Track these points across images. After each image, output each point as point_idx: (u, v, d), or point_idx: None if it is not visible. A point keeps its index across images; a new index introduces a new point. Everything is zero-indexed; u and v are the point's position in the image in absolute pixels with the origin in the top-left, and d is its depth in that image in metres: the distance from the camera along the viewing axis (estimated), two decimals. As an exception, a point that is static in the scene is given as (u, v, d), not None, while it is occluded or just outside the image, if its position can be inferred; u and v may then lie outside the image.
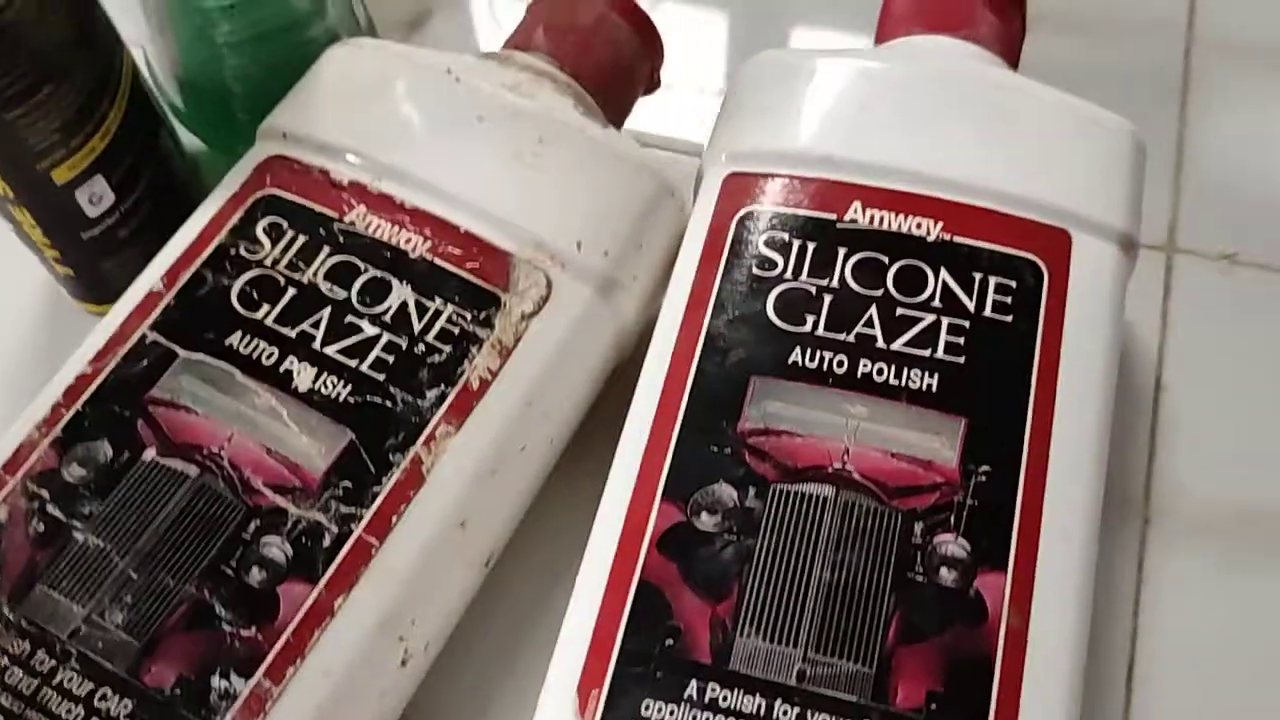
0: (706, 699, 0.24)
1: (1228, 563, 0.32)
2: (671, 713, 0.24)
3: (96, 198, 0.32)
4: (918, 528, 0.26)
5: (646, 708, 0.24)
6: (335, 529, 0.26)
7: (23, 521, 0.26)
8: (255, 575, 0.26)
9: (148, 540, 0.26)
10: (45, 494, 0.27)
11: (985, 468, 0.27)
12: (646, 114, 0.37)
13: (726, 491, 0.26)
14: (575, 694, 0.25)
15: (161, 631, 0.25)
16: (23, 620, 0.25)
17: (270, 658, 0.25)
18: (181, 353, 0.29)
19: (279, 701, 0.25)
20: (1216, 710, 0.30)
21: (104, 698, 0.24)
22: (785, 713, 0.24)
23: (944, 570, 0.25)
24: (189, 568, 0.26)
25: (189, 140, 0.38)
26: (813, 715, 0.24)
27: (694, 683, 0.24)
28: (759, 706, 0.24)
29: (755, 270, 0.29)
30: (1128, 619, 0.31)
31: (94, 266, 0.33)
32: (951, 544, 0.26)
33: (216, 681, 0.25)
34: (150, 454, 0.27)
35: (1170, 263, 0.37)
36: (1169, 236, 0.37)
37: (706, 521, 0.26)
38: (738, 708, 0.24)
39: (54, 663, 0.25)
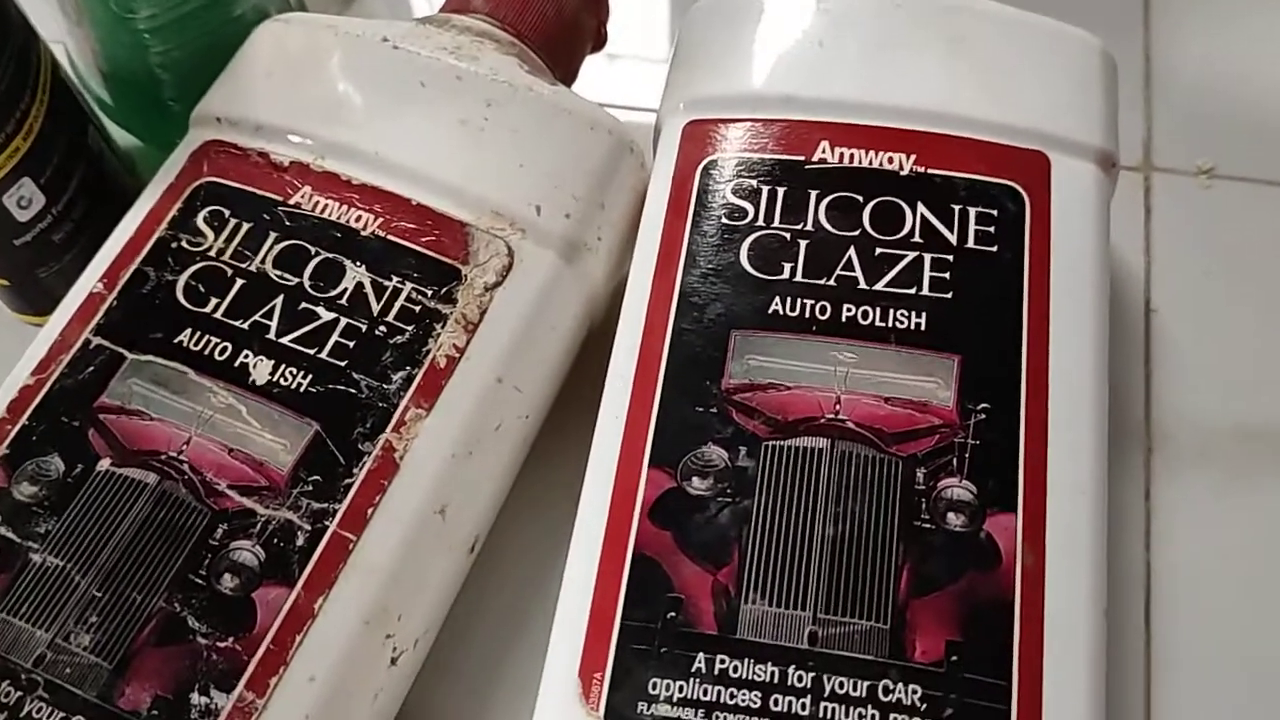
0: (716, 671, 0.23)
1: (1234, 484, 0.31)
2: (680, 689, 0.23)
3: (25, 201, 0.30)
4: (920, 473, 0.25)
5: (654, 686, 0.23)
6: (308, 527, 0.25)
7: (-28, 548, 0.25)
8: (228, 582, 0.24)
9: (110, 555, 0.25)
10: (-6, 517, 0.25)
11: (984, 405, 0.25)
12: (595, 81, 0.35)
13: (717, 452, 0.25)
14: (578, 678, 0.23)
15: (132, 651, 0.24)
16: (-18, 652, 0.24)
17: (251, 668, 0.24)
18: (129, 355, 0.27)
19: (265, 714, 0.23)
20: (1238, 633, 0.29)
21: (76, 727, 0.23)
22: (800, 679, 0.23)
23: (951, 515, 0.24)
24: (156, 580, 0.24)
25: (122, 137, 0.36)
26: (829, 679, 0.23)
27: (701, 655, 0.23)
28: (772, 674, 0.23)
29: (725, 220, 0.28)
30: (1140, 551, 0.30)
31: (29, 274, 0.32)
32: (957, 487, 0.25)
33: (196, 698, 0.23)
34: (105, 464, 0.26)
35: (1148, 183, 0.36)
36: (1145, 156, 0.36)
37: (698, 485, 0.25)
38: (749, 677, 0.23)
39: (20, 694, 0.23)
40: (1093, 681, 0.23)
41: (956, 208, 0.28)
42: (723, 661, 0.23)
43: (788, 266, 0.27)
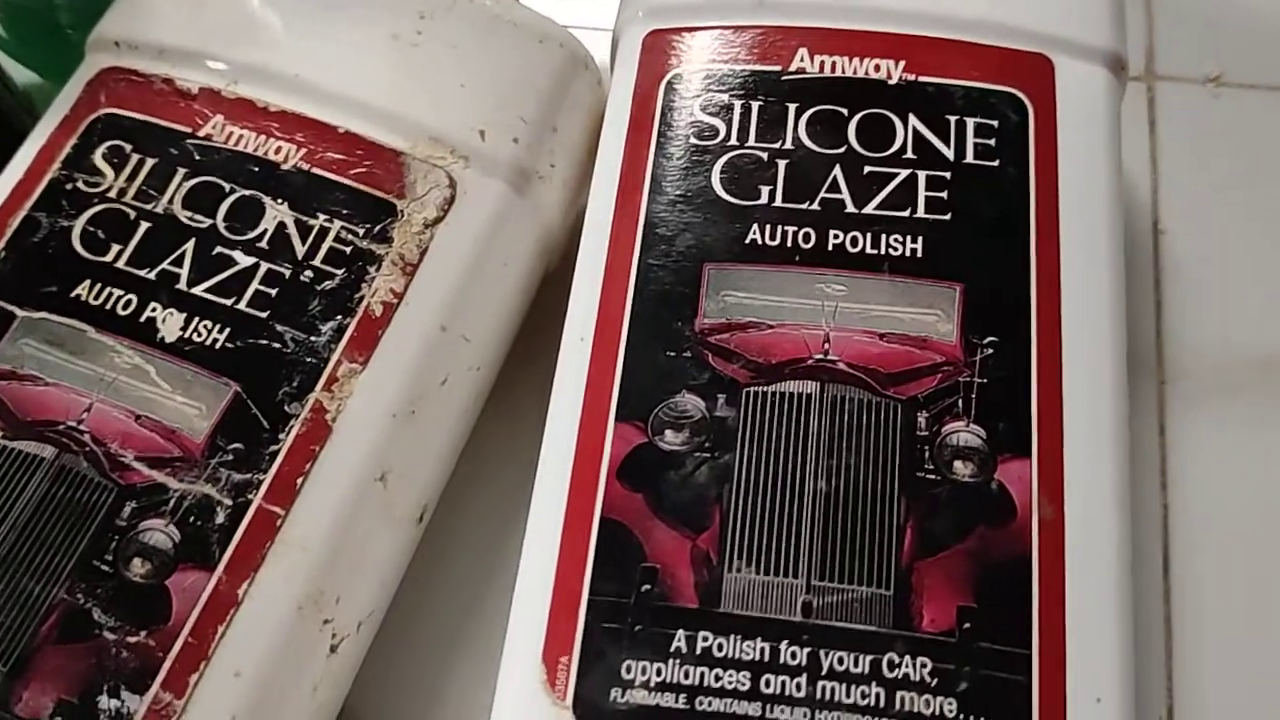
0: (698, 650, 0.20)
1: (1253, 417, 0.28)
2: (659, 672, 0.20)
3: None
4: (922, 418, 0.22)
5: (628, 670, 0.20)
6: (229, 502, 0.22)
7: None
8: (138, 568, 0.21)
9: (2, 540, 0.21)
10: None
11: (990, 339, 0.23)
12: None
13: (692, 402, 0.22)
14: (541, 663, 0.20)
15: (30, 649, 0.21)
16: None
17: (167, 665, 0.21)
18: (19, 313, 0.24)
19: (185, 716, 0.20)
20: (1262, 579, 0.26)
21: (-35, 741, 0.20)
22: (794, 655, 0.20)
23: (958, 464, 0.21)
24: (56, 568, 0.21)
25: (19, 74, 0.32)
26: (826, 655, 0.20)
27: (681, 633, 0.20)
28: (762, 651, 0.20)
29: (694, 140, 0.25)
30: (1156, 492, 0.27)
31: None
32: (963, 432, 0.22)
33: (105, 702, 0.20)
34: (-8, 439, 0.22)
35: (1152, 93, 0.33)
36: (1147, 64, 0.33)
37: (672, 440, 0.22)
38: (736, 656, 0.20)
39: (-102, 707, 0.20)
40: (1122, 645, 0.20)
41: (952, 119, 0.25)
42: (705, 639, 0.20)
43: (765, 190, 0.24)
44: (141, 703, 0.20)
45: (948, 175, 0.24)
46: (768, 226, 0.24)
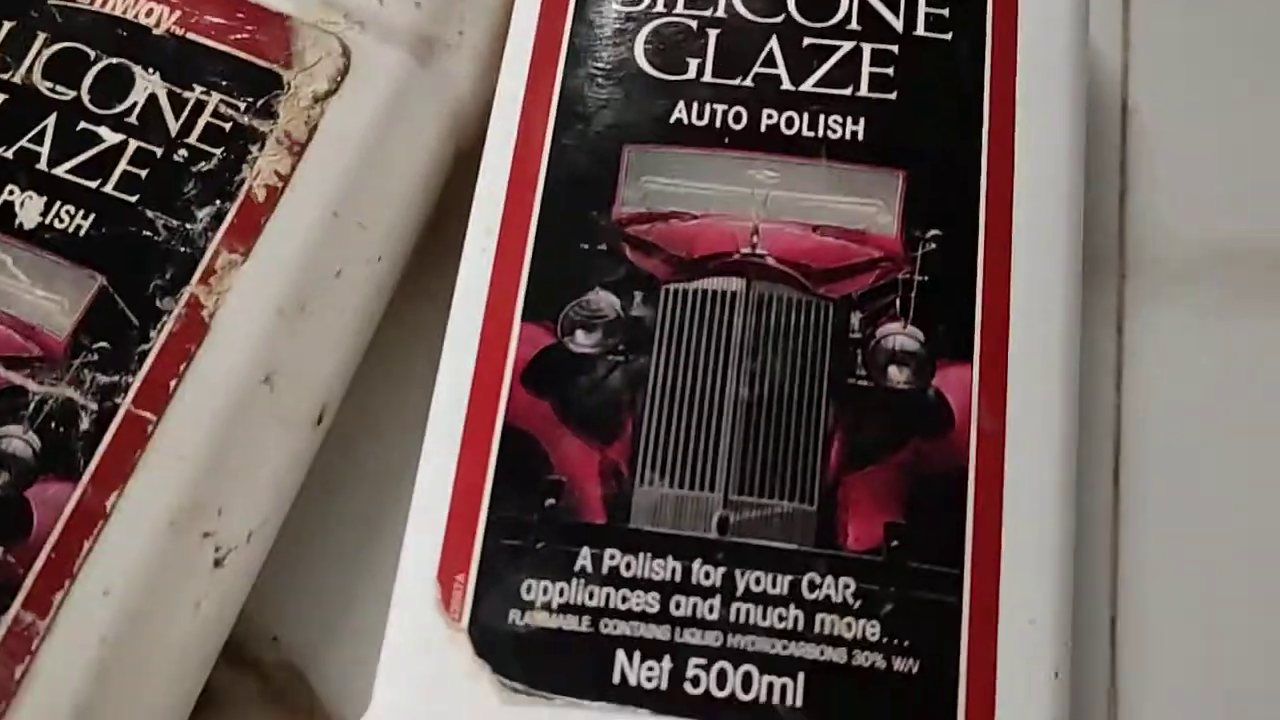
0: (604, 569, 0.19)
1: (1218, 311, 0.27)
2: (561, 592, 0.19)
3: None
4: (855, 319, 0.20)
5: (528, 590, 0.19)
6: (95, 406, 0.20)
7: None
8: (-8, 480, 0.19)
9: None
10: None
11: (934, 233, 0.21)
12: None
13: (606, 299, 0.20)
14: (436, 582, 0.19)
15: (-124, 569, 0.19)
16: None
17: (28, 584, 0.19)
18: None
19: (49, 638, 0.19)
20: (1216, 485, 0.25)
21: None
22: (708, 575, 0.19)
23: (893, 369, 0.20)
24: (-97, 480, 0.19)
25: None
26: (742, 575, 0.18)
27: (586, 550, 0.19)
28: (673, 571, 0.19)
29: (616, 6, 0.22)
30: (1110, 394, 0.26)
31: None
32: (900, 334, 0.20)
33: (-40, 624, 0.19)
34: None
35: (1126, -41, 0.30)
36: (1123, -72, 0.31)
37: (583, 341, 0.20)
38: (646, 576, 0.19)
39: None
40: (1061, 564, 0.19)
41: (902, -16, 0.22)
42: (613, 557, 0.19)
43: (694, 63, 0.22)
44: (0, 624, 0.19)
45: (895, 49, 0.22)
46: (695, 104, 0.22)
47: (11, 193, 0.21)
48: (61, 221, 0.21)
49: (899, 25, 0.22)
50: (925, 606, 0.18)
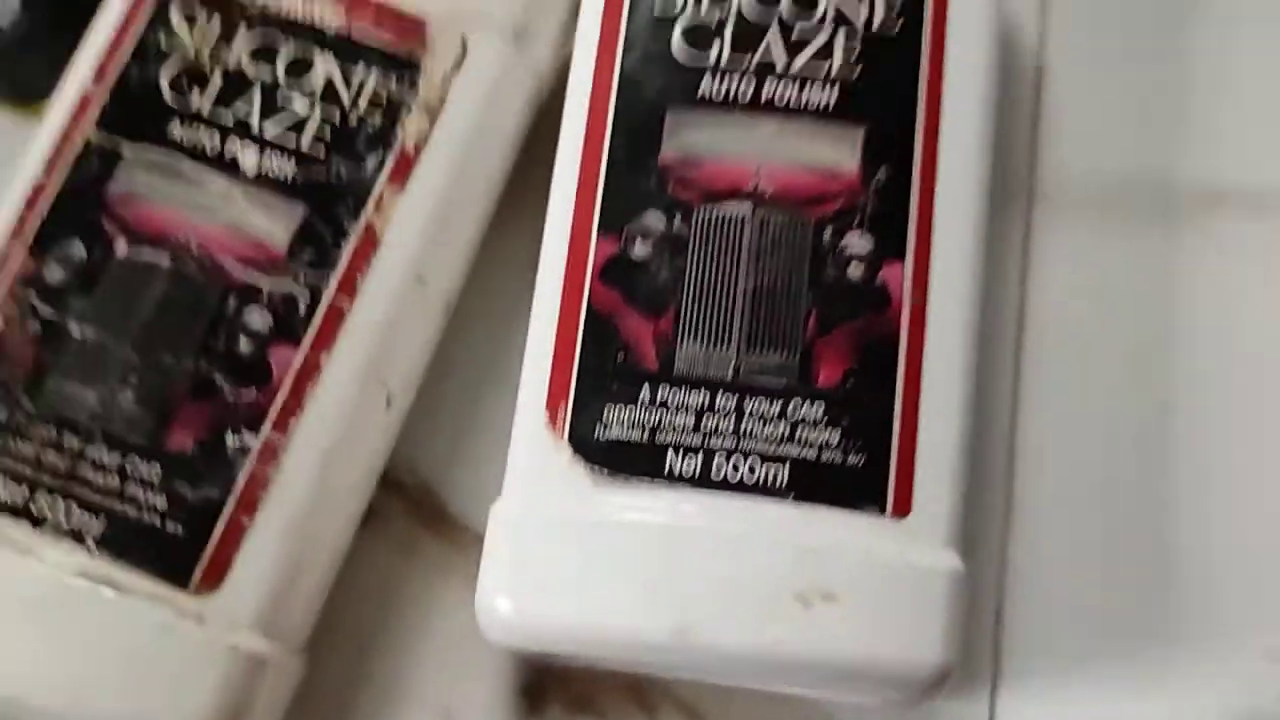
0: (657, 399, 0.28)
1: (1105, 231, 0.36)
2: (629, 414, 0.28)
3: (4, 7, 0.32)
4: (827, 232, 0.29)
5: (607, 413, 0.28)
6: (308, 296, 0.29)
7: (19, 323, 0.29)
8: (244, 345, 0.29)
9: (139, 327, 0.29)
10: (33, 296, 0.29)
11: (883, 170, 0.30)
12: None
13: (655, 220, 0.29)
14: (545, 410, 0.28)
15: (172, 404, 0.28)
16: (44, 409, 0.28)
17: (273, 414, 0.28)
18: (127, 149, 0.30)
19: (288, 448, 0.28)
20: (1101, 365, 0.34)
21: (133, 464, 0.28)
22: (725, 402, 0.28)
23: (852, 265, 0.29)
24: (184, 346, 0.29)
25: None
26: (748, 399, 0.28)
27: (645, 386, 0.28)
28: (703, 399, 0.28)
29: (658, 9, 0.31)
30: (1015, 290, 0.35)
31: (11, 68, 0.34)
32: (857, 242, 0.29)
33: (230, 439, 0.28)
34: (122, 248, 0.29)
35: (1047, -51, 0.39)
36: (1046, -77, 0.39)
37: (640, 250, 0.29)
38: (684, 403, 0.28)
39: (81, 442, 0.28)
40: (964, 398, 0.28)
41: (865, -9, 0.31)
42: (663, 391, 0.28)
43: (714, 50, 0.31)
44: (257, 440, 0.28)
45: (859, 40, 0.31)
46: (715, 79, 0.30)
47: (235, 147, 0.30)
48: (273, 168, 0.30)
49: (861, 22, 0.31)
50: (871, 420, 0.28)
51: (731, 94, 0.30)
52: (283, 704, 0.29)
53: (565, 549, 0.28)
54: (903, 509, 0.28)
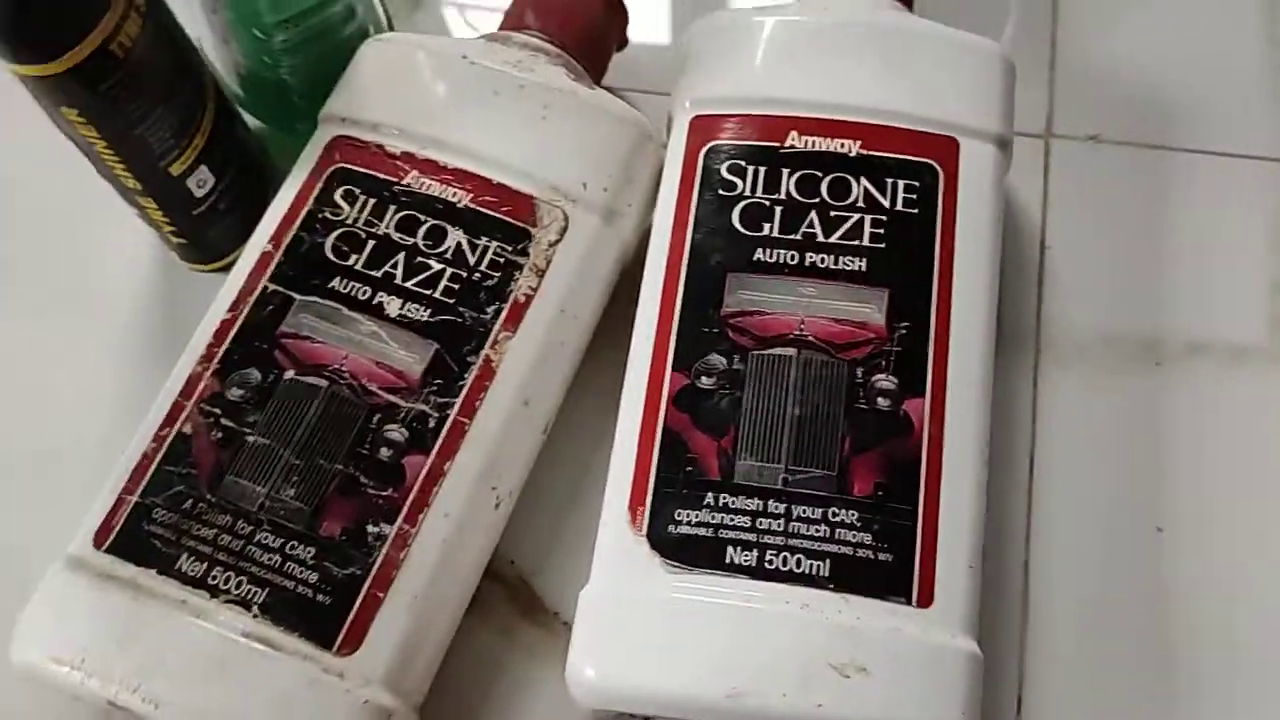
0: (719, 504, 0.34)
1: (1102, 376, 0.42)
2: (696, 516, 0.34)
3: (203, 182, 0.40)
4: (859, 371, 0.36)
5: (678, 515, 0.34)
6: (436, 415, 0.36)
7: (204, 432, 0.36)
8: (384, 453, 0.35)
9: (301, 437, 0.36)
10: (217, 410, 0.36)
11: (905, 324, 0.36)
12: (614, 67, 0.45)
13: (718, 359, 0.36)
14: (628, 511, 0.34)
15: (324, 499, 0.35)
16: (222, 501, 0.35)
17: (405, 509, 0.35)
18: (297, 297, 0.38)
19: (416, 538, 0.35)
20: (1101, 482, 0.40)
21: (293, 547, 0.34)
22: (776, 507, 0.34)
23: (880, 399, 0.35)
24: (335, 452, 0.35)
25: (251, 122, 0.46)
26: (795, 506, 0.34)
27: (709, 494, 0.34)
28: (757, 505, 0.34)
29: (721, 191, 0.39)
30: (1027, 425, 0.41)
31: (202, 234, 0.42)
32: (884, 380, 0.35)
33: (371, 529, 0.34)
34: (290, 374, 0.36)
35: (1048, 147, 0.46)
36: (1046, 125, 0.47)
37: (706, 383, 0.36)
38: (742, 508, 0.34)
39: (251, 527, 0.34)
40: (976, 510, 0.34)
41: (889, 180, 0.38)
42: (724, 498, 0.34)
43: (767, 226, 0.38)
44: (392, 529, 0.35)
45: (885, 218, 0.38)
46: (768, 249, 0.38)
47: (382, 296, 0.37)
48: (411, 313, 0.37)
49: (887, 204, 0.38)
50: (897, 526, 0.34)
51: (781, 260, 0.37)
52: (399, 757, 0.34)
53: (641, 625, 0.33)
54: (926, 600, 0.33)
